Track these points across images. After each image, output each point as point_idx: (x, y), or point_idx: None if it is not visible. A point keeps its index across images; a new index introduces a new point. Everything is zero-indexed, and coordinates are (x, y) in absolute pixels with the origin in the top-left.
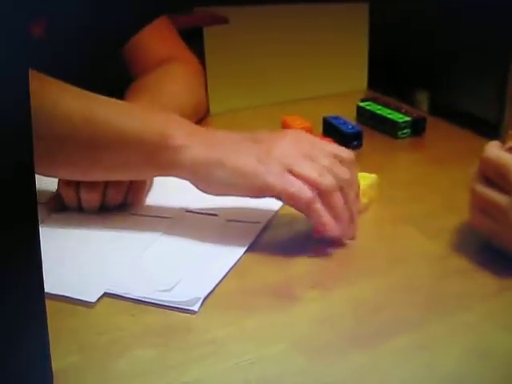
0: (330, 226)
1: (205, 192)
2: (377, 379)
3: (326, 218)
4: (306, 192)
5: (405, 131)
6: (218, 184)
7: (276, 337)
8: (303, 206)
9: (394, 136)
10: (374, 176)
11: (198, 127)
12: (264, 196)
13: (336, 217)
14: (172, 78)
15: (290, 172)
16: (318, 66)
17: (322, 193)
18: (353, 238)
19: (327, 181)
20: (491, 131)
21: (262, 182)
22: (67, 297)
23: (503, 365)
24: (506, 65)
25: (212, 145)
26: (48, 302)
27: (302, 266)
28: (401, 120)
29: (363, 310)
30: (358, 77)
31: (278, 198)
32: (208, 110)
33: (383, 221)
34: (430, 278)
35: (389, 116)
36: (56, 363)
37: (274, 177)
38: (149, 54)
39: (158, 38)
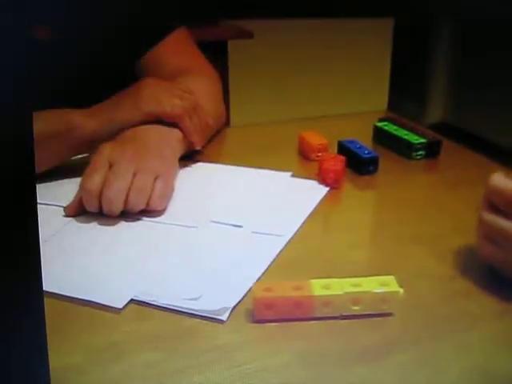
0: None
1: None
2: None
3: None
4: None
5: (419, 153)
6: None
7: (281, 347)
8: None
9: (409, 157)
10: (391, 278)
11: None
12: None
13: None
14: (192, 89)
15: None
16: (340, 84)
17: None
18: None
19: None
20: (505, 157)
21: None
22: (94, 302)
23: None
24: None
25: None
26: (53, 302)
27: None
28: (416, 141)
29: (367, 326)
30: (378, 97)
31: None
32: (228, 122)
33: (393, 239)
34: (435, 297)
35: (404, 137)
36: (60, 362)
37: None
38: (165, 67)
39: (175, 51)
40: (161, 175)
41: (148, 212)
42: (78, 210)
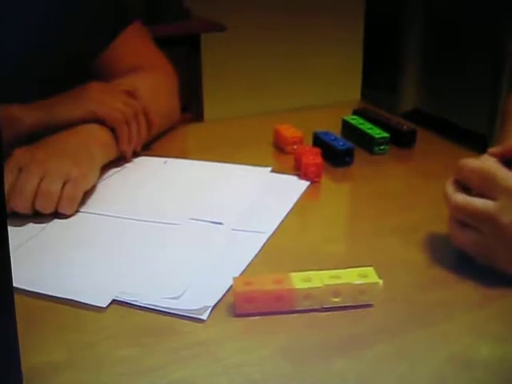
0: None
1: None
2: None
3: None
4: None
5: (382, 147)
6: None
7: (262, 341)
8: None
9: (371, 152)
10: (370, 269)
11: None
12: None
13: None
14: (139, 87)
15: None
16: (314, 76)
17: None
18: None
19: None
20: (481, 145)
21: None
22: (78, 301)
23: (483, 375)
24: (498, 79)
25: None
26: (34, 301)
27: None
28: (378, 136)
29: (347, 317)
30: (351, 87)
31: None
32: (202, 116)
33: (371, 231)
34: (413, 287)
35: (368, 131)
36: (39, 360)
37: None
38: (119, 64)
39: (129, 47)
40: (71, 179)
41: (61, 214)
42: None
